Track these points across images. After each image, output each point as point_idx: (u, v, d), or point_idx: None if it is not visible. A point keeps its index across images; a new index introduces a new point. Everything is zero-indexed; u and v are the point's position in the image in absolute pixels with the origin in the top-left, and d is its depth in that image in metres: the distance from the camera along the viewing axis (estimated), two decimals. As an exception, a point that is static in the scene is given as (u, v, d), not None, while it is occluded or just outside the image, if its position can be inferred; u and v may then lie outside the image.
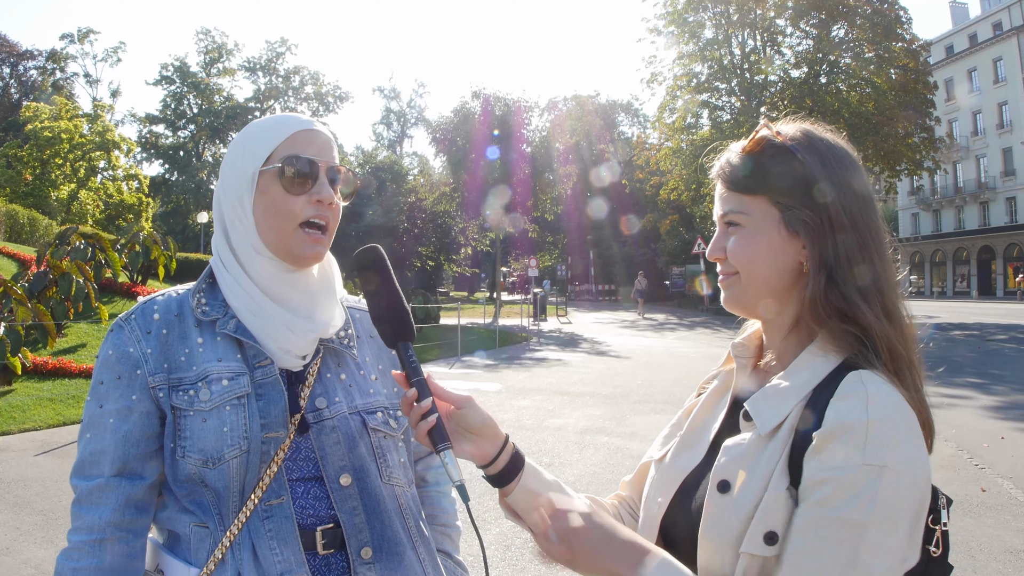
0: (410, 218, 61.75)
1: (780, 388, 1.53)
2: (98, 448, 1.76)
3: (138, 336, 1.81)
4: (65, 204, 49.83)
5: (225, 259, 1.87)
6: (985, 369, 18.97)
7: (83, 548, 1.72)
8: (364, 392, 1.96)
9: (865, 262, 1.53)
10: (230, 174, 1.86)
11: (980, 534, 6.99)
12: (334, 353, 1.96)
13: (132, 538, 1.77)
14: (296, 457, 1.81)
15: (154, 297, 1.90)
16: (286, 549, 1.73)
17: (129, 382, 1.78)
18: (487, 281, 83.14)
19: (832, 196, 1.53)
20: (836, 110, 39.97)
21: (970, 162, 73.97)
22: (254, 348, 1.82)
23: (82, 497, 1.77)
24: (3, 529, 7.21)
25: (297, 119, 1.88)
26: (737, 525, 1.43)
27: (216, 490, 1.74)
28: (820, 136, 1.61)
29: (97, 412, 1.78)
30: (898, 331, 1.54)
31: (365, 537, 1.82)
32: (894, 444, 1.36)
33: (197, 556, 1.75)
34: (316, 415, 1.85)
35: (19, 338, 13.39)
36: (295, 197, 1.81)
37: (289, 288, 1.87)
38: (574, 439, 11.25)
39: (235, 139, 1.91)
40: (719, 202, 1.67)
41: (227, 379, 1.77)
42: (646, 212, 65.83)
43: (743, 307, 1.67)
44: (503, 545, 6.73)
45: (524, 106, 47.39)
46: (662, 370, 20.04)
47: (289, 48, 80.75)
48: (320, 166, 1.84)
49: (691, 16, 45.25)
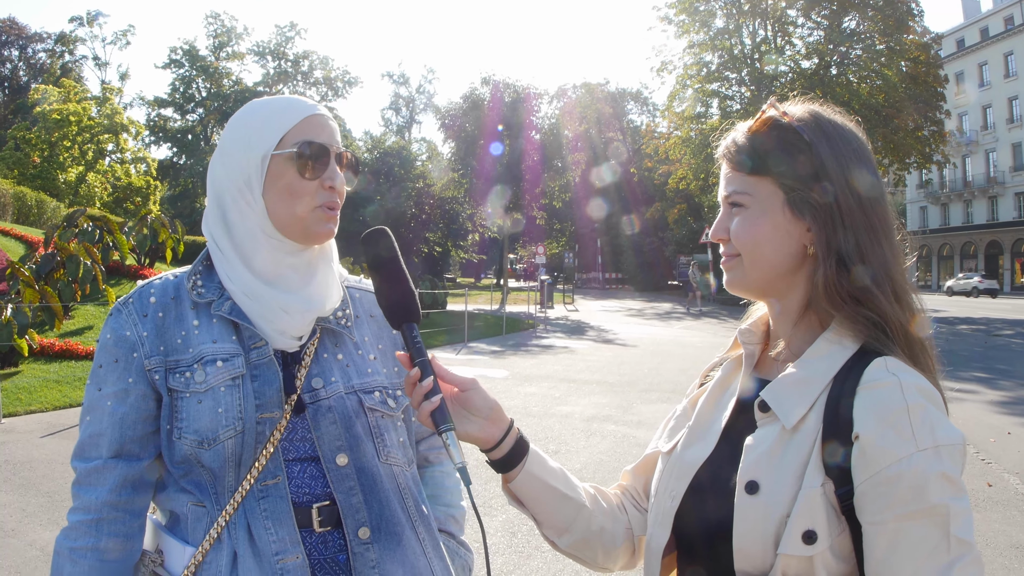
0: (418, 204, 61.76)
1: (799, 377, 1.50)
2: (96, 431, 1.78)
3: (135, 320, 1.82)
4: (73, 186, 49.98)
5: (220, 242, 1.87)
6: (992, 364, 18.99)
7: (81, 528, 1.75)
8: (362, 372, 1.95)
9: (874, 245, 1.51)
10: (234, 155, 1.85)
11: (986, 529, 6.96)
12: (332, 334, 1.96)
13: (129, 518, 1.79)
14: (292, 437, 1.82)
15: (151, 281, 1.91)
16: (281, 529, 1.74)
17: (126, 365, 1.80)
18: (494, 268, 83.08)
19: (839, 179, 1.51)
20: (846, 102, 39.80)
21: (979, 156, 73.69)
22: (249, 330, 1.83)
23: (81, 478, 1.79)
24: (9, 511, 7.24)
25: (304, 103, 1.88)
26: (771, 526, 1.41)
27: (212, 470, 1.74)
28: (828, 118, 1.58)
29: (96, 395, 1.81)
30: (910, 314, 1.52)
31: (362, 517, 1.82)
32: (937, 422, 1.36)
33: (194, 535, 1.76)
34: (312, 395, 1.85)
35: (26, 320, 13.42)
36: (308, 182, 1.81)
37: (288, 269, 1.87)
38: (581, 427, 11.25)
39: (237, 121, 1.90)
40: (724, 182, 1.65)
41: (222, 360, 1.78)
42: (654, 201, 65.76)
43: (745, 289, 1.64)
44: (509, 532, 6.74)
45: (534, 93, 47.39)
46: (668, 358, 20.06)
47: (298, 32, 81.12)
48: (331, 151, 1.84)
49: (702, 5, 45.21)
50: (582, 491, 1.77)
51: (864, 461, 1.37)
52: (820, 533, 1.37)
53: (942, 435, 1.35)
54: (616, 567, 1.85)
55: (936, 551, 1.32)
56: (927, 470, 1.33)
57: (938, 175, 73.20)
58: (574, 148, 50.52)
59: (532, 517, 1.76)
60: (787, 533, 1.38)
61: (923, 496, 1.32)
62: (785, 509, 1.40)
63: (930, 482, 1.32)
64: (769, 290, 1.62)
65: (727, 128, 1.71)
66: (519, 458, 1.69)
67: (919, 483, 1.33)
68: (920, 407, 1.36)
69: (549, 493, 1.71)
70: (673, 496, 1.62)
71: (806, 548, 1.37)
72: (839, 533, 1.39)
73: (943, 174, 72.71)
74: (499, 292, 46.33)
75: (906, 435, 1.34)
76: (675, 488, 1.62)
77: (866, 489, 1.36)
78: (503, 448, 1.68)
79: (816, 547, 1.37)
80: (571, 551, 1.78)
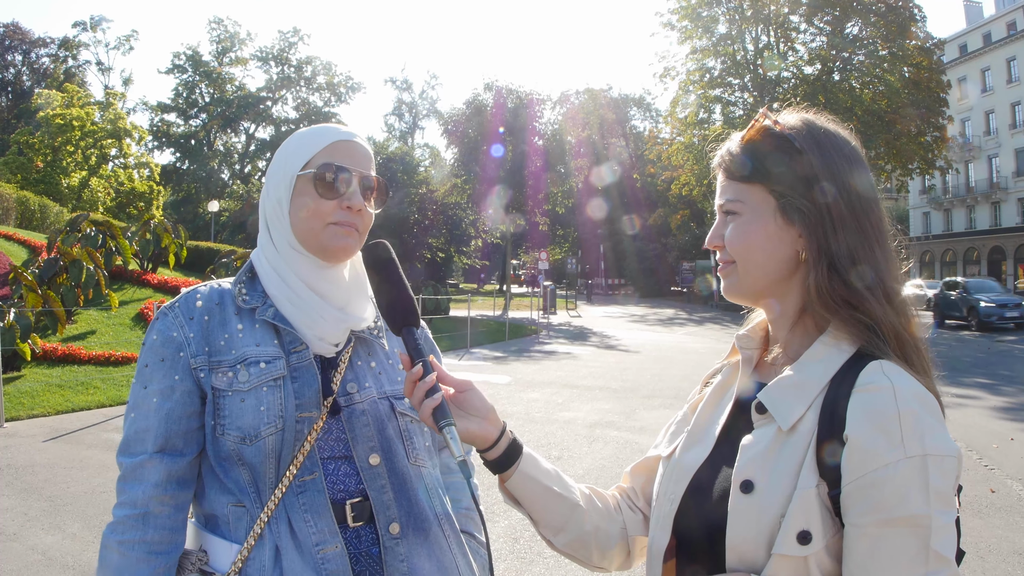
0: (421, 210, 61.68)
1: (795, 380, 1.52)
2: (142, 426, 1.86)
3: (181, 322, 1.92)
4: (76, 191, 50.12)
5: (268, 253, 2.00)
6: (994, 370, 18.90)
7: (128, 522, 1.80)
8: (392, 380, 2.06)
9: (865, 250, 1.52)
10: (273, 177, 1.99)
11: (989, 535, 6.97)
12: (364, 343, 2.08)
13: (174, 512, 1.85)
14: (328, 437, 1.92)
15: (197, 287, 2.02)
16: (320, 521, 1.83)
17: (172, 363, 1.88)
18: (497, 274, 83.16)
19: (830, 185, 1.52)
20: (849, 107, 39.91)
21: (982, 162, 73.39)
22: (290, 334, 1.93)
23: (127, 473, 1.84)
24: (11, 515, 7.25)
25: (338, 130, 2.00)
26: (766, 526, 1.41)
27: (253, 466, 1.83)
28: (820, 126, 1.60)
29: (141, 393, 1.88)
30: (902, 317, 1.53)
31: (393, 513, 1.91)
32: (928, 430, 1.36)
33: (236, 535, 1.84)
34: (347, 399, 1.96)
35: (29, 324, 13.46)
36: (327, 201, 1.92)
37: (324, 282, 1.97)
38: (583, 432, 11.28)
39: (281, 146, 2.05)
40: (719, 191, 1.67)
41: (264, 362, 1.88)
42: (657, 206, 65.82)
43: (741, 296, 1.66)
44: (511, 538, 6.76)
45: (536, 99, 47.41)
46: (671, 365, 20.10)
47: (302, 38, 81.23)
48: (354, 175, 1.95)
49: (705, 11, 45.33)
50: (577, 491, 1.81)
51: (851, 463, 1.37)
52: (815, 533, 1.37)
53: (932, 445, 1.35)
54: (612, 567, 1.87)
55: (913, 562, 1.32)
56: (912, 478, 1.33)
57: (941, 181, 72.99)
58: (577, 154, 50.48)
59: (529, 516, 1.80)
60: (782, 533, 1.38)
61: (905, 504, 1.33)
62: (779, 509, 1.41)
63: (913, 491, 1.33)
64: (764, 295, 1.64)
65: (723, 137, 1.73)
66: (514, 458, 1.73)
67: (902, 490, 1.33)
68: (912, 414, 1.36)
69: (544, 492, 1.75)
70: (672, 499, 1.63)
71: (800, 548, 1.37)
72: (833, 534, 1.39)
73: (946, 180, 72.52)
74: (502, 298, 46.33)
75: (895, 441, 1.34)
76: (674, 491, 1.64)
77: (851, 491, 1.37)
78: (499, 448, 1.72)
79: (810, 547, 1.37)
80: (567, 550, 1.81)
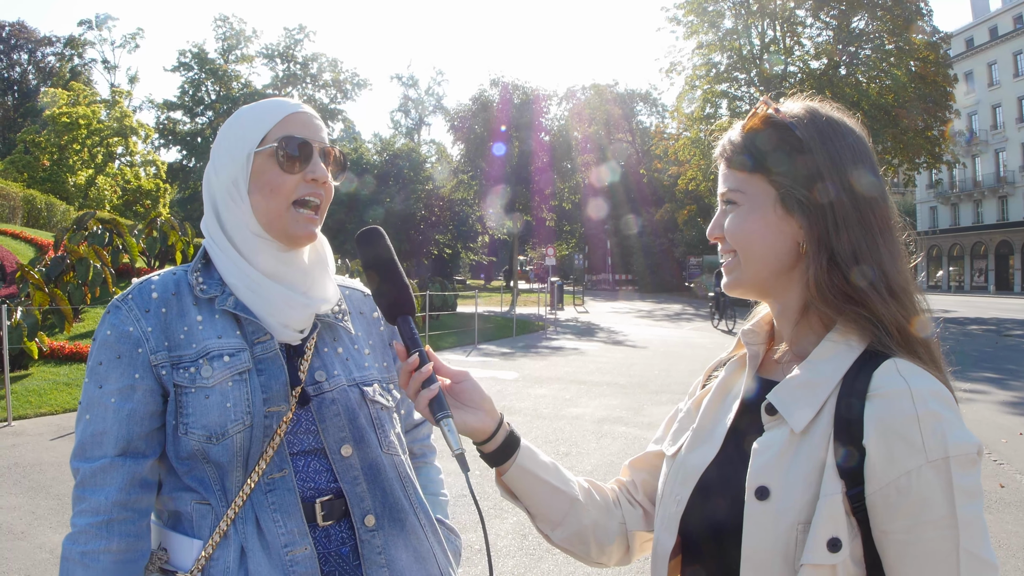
0: (427, 206, 61.83)
1: (805, 380, 1.48)
2: (100, 429, 1.76)
3: (137, 315, 1.82)
4: (83, 190, 50.12)
5: (218, 240, 1.90)
6: (1002, 364, 18.96)
7: (90, 531, 1.72)
8: (360, 365, 2.00)
9: (869, 243, 1.48)
10: (223, 157, 1.90)
11: (999, 531, 6.93)
12: (329, 327, 2.00)
13: (138, 517, 1.78)
14: (297, 430, 1.85)
15: (150, 277, 1.92)
16: (289, 521, 1.76)
17: (131, 361, 1.79)
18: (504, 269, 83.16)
19: (832, 176, 1.49)
20: (856, 102, 39.78)
21: (989, 156, 73.32)
22: (253, 324, 1.85)
23: (86, 479, 1.75)
24: (19, 513, 7.26)
25: (287, 103, 1.94)
26: (783, 533, 1.39)
27: (219, 465, 1.76)
28: (824, 114, 1.56)
29: (97, 393, 1.79)
30: (909, 314, 1.48)
31: (368, 505, 1.87)
32: (948, 429, 1.33)
33: (199, 533, 1.77)
34: (316, 388, 1.89)
35: (36, 323, 13.47)
36: (289, 176, 1.85)
37: (284, 266, 1.90)
38: (591, 428, 11.26)
39: (226, 126, 1.96)
40: (720, 180, 1.64)
41: (228, 355, 1.80)
42: (664, 202, 65.72)
43: (742, 287, 1.63)
44: (520, 535, 6.73)
45: (543, 94, 47.39)
46: (679, 360, 20.06)
47: (307, 35, 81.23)
48: (314, 146, 1.89)
49: (711, 6, 45.22)
50: (575, 485, 1.78)
51: (873, 472, 1.34)
52: (844, 540, 1.34)
53: (953, 444, 1.32)
54: (611, 562, 1.85)
55: (944, 565, 1.31)
56: (935, 482, 1.31)
57: (948, 175, 72.73)
58: (583, 149, 50.46)
59: (526, 510, 1.77)
60: (811, 541, 1.35)
61: (931, 509, 1.31)
62: (795, 515, 1.38)
63: (938, 494, 1.31)
64: (766, 288, 1.60)
65: (725, 123, 1.69)
66: (511, 452, 1.70)
67: (927, 495, 1.31)
68: (931, 415, 1.33)
69: (541, 486, 1.72)
70: (679, 501, 1.60)
71: (831, 556, 1.34)
72: (854, 538, 1.37)
73: (953, 174, 72.28)
74: (509, 294, 46.30)
75: (916, 446, 1.32)
76: (680, 493, 1.61)
77: (875, 500, 1.34)
78: (496, 440, 1.69)
79: (840, 555, 1.34)
80: (564, 545, 1.78)
